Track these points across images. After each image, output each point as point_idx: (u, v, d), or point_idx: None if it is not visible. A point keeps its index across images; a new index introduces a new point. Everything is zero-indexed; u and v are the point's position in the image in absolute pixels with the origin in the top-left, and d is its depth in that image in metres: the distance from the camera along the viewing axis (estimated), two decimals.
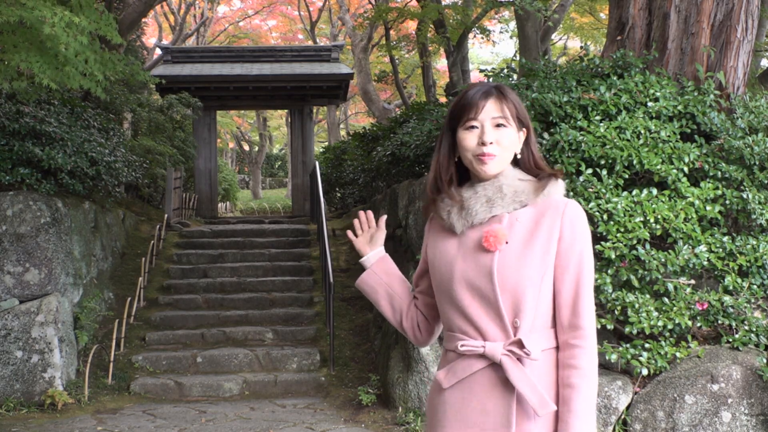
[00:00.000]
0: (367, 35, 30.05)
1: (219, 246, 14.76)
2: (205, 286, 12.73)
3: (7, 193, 9.30)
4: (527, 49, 15.98)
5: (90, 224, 11.19)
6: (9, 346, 8.92)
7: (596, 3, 22.84)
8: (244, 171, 53.47)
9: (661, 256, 6.85)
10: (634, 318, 6.67)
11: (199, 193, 21.42)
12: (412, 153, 10.20)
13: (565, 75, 8.90)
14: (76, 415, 8.48)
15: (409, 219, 9.22)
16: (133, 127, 18.19)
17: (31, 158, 9.50)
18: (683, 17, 8.99)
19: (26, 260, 9.19)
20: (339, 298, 11.76)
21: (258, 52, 23.28)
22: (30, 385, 8.88)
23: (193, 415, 8.44)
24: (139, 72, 11.42)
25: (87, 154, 10.48)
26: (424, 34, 21.04)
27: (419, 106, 15.40)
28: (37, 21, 6.99)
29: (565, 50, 34.21)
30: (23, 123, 9.78)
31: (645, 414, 6.54)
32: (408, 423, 7.52)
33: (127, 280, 12.25)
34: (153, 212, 17.09)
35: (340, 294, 11.93)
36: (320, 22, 37.97)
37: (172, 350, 10.51)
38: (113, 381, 9.56)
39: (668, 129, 7.81)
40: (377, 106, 29.58)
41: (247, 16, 41.59)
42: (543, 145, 7.64)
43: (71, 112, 11.92)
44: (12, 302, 9.13)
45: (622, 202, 7.11)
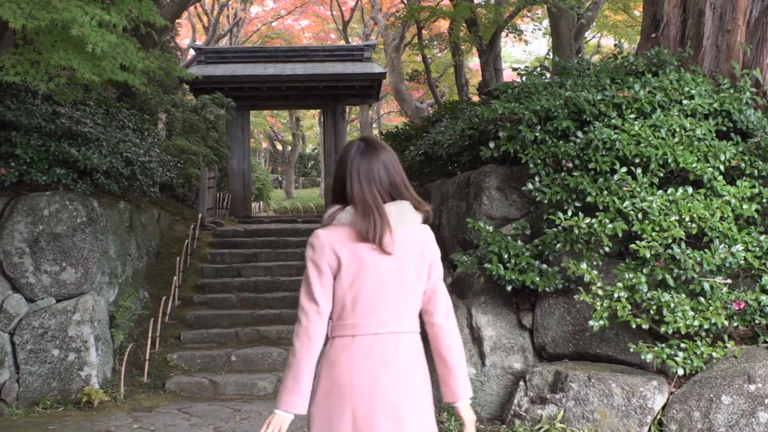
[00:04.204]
0: (399, 34, 30.03)
1: (253, 245, 14.82)
2: (239, 285, 12.78)
3: (43, 193, 9.37)
4: (560, 48, 15.89)
5: (125, 224, 11.26)
6: (46, 344, 8.99)
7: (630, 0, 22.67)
8: (277, 171, 53.65)
9: (696, 255, 6.78)
10: (670, 318, 6.60)
11: (232, 193, 21.52)
12: (444, 152, 10.16)
13: (599, 73, 8.84)
14: (112, 413, 8.54)
15: (441, 218, 9.19)
16: (167, 128, 18.29)
17: (68, 158, 9.57)
18: (718, 14, 8.90)
19: (63, 259, 9.26)
20: None
21: (291, 52, 23.35)
22: (67, 383, 8.95)
23: (227, 413, 8.47)
24: (175, 68, 11.51)
25: (122, 155, 10.55)
26: (457, 32, 20.98)
27: (452, 105, 15.34)
28: (69, 22, 7.05)
29: (599, 48, 33.97)
30: (59, 124, 9.86)
31: (681, 414, 6.47)
32: (442, 423, 7.48)
33: (162, 279, 12.31)
34: (187, 212, 17.18)
35: None
36: (352, 22, 37.99)
37: (206, 349, 10.55)
38: (149, 379, 9.61)
39: (704, 127, 7.73)
40: (410, 106, 29.55)
41: (279, 17, 41.71)
42: (576, 143, 7.59)
43: (106, 113, 12.00)
44: (49, 301, 9.21)
45: (657, 201, 7.05)
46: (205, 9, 33.19)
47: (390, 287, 3.23)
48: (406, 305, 3.27)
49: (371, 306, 3.22)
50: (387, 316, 3.24)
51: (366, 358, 3.20)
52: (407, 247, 3.26)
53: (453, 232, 8.88)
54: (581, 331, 7.33)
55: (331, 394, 3.21)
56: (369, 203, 3.21)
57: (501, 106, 8.20)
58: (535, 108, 7.98)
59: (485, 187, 8.37)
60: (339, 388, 3.19)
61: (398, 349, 3.25)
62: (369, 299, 3.21)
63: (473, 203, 8.45)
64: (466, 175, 8.88)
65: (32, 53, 8.09)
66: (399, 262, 3.24)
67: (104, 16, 7.21)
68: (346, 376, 3.18)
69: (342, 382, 3.18)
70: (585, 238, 7.14)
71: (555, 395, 6.87)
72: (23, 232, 9.16)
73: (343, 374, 3.19)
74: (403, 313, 3.27)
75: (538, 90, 8.68)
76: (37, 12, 7.00)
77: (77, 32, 6.99)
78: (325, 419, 3.21)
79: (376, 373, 3.19)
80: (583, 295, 6.93)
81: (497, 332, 7.73)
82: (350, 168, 3.27)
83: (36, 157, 9.35)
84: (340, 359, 3.21)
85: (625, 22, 27.25)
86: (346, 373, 3.19)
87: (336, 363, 3.22)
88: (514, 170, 8.30)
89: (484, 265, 7.67)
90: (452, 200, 8.99)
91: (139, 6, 8.33)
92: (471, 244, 8.43)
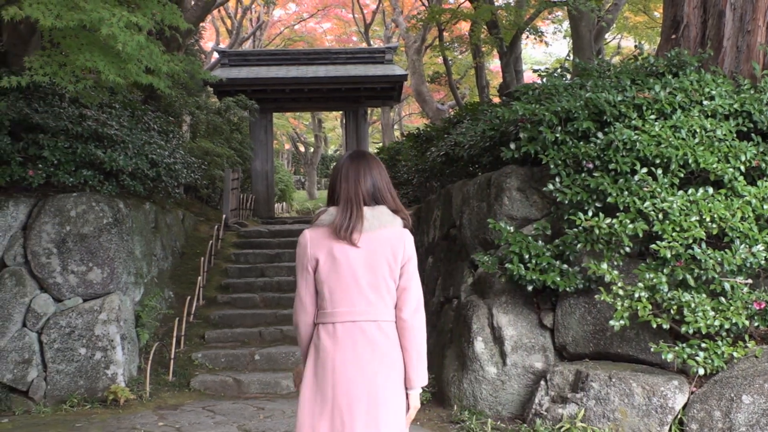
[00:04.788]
0: (420, 37, 30.03)
1: (276, 246, 14.86)
2: (262, 285, 12.82)
3: (70, 195, 9.43)
4: (581, 49, 15.84)
5: (150, 224, 11.32)
6: (73, 343, 9.05)
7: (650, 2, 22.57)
8: (299, 172, 53.71)
9: (717, 256, 6.75)
10: (691, 317, 6.58)
11: (256, 194, 21.57)
12: (465, 153, 10.15)
13: (619, 74, 8.81)
14: (137, 411, 8.58)
15: (463, 218, 9.19)
16: (191, 130, 18.37)
17: (94, 160, 9.62)
18: (739, 15, 8.86)
19: (89, 260, 9.31)
20: None
21: (313, 55, 23.39)
22: (93, 382, 9.00)
23: (251, 411, 8.50)
24: (199, 71, 11.54)
25: (147, 156, 10.60)
26: (477, 35, 20.95)
27: (473, 107, 15.34)
28: (97, 22, 7.10)
29: (619, 49, 33.81)
30: (86, 126, 9.91)
31: (701, 414, 6.44)
32: (463, 421, 7.49)
33: (187, 279, 12.37)
34: (211, 213, 17.25)
35: None
36: (374, 25, 38.01)
37: (230, 348, 10.59)
38: (174, 378, 9.66)
39: (724, 127, 7.69)
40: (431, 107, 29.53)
41: (302, 20, 41.78)
42: (597, 144, 7.57)
43: (132, 115, 12.06)
44: (76, 301, 9.27)
45: (677, 201, 7.02)
46: (229, 12, 33.30)
47: (362, 281, 3.63)
48: (380, 297, 3.65)
49: (346, 297, 3.64)
50: (361, 306, 3.64)
51: (344, 343, 3.62)
52: (380, 246, 3.64)
53: (474, 233, 8.88)
54: (602, 330, 7.32)
55: (316, 374, 3.65)
56: (351, 200, 3.67)
57: (522, 108, 8.20)
58: (555, 109, 7.97)
59: (506, 188, 8.36)
60: (322, 369, 3.62)
61: (374, 335, 3.64)
62: (344, 291, 3.64)
63: (494, 204, 8.45)
64: (487, 176, 8.87)
65: (59, 55, 8.14)
66: (370, 258, 3.64)
67: (131, 17, 7.26)
68: (328, 359, 3.62)
69: (324, 364, 3.62)
70: (606, 238, 7.13)
71: (576, 394, 6.86)
72: (51, 232, 9.23)
73: (325, 357, 3.63)
74: (376, 304, 3.65)
75: (558, 91, 8.67)
76: (65, 13, 7.06)
77: (107, 32, 7.04)
78: (311, 395, 3.64)
79: (353, 356, 3.60)
80: (603, 295, 6.92)
81: (518, 332, 7.72)
82: (341, 171, 3.75)
83: (63, 159, 9.41)
84: (323, 344, 3.65)
85: (646, 23, 27.12)
86: (328, 356, 3.62)
87: (319, 347, 3.67)
88: (534, 171, 8.29)
89: (505, 265, 7.67)
90: (473, 201, 8.99)
91: (163, 10, 8.38)
92: (492, 245, 8.43)
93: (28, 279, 9.17)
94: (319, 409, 3.61)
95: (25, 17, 7.08)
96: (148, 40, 7.78)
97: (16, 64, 9.91)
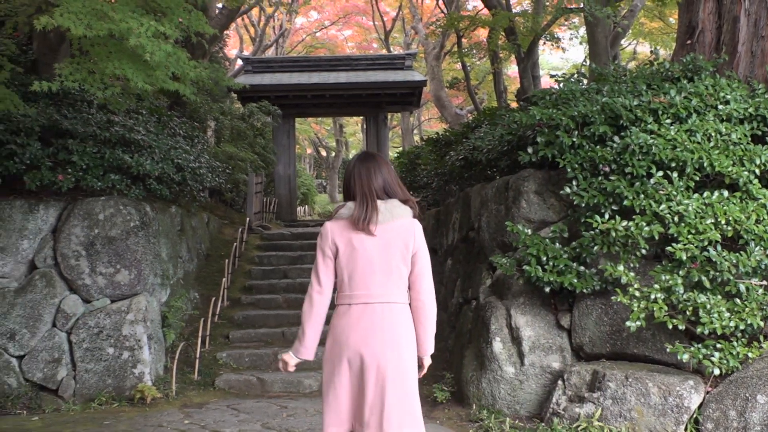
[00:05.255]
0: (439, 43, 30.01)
1: (298, 248, 14.88)
2: (285, 287, 12.83)
3: (99, 198, 9.47)
4: (597, 55, 15.77)
5: (176, 227, 11.35)
6: (101, 343, 9.09)
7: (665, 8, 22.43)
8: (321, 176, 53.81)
9: (732, 258, 6.71)
10: (706, 318, 6.54)
11: (278, 197, 21.64)
12: (484, 157, 10.13)
13: (635, 79, 8.77)
14: (164, 409, 8.61)
15: (481, 221, 9.16)
16: (216, 135, 18.42)
17: (121, 165, 9.66)
18: (753, 20, 8.80)
19: (117, 262, 9.35)
20: None
21: (334, 62, 23.43)
22: (121, 380, 9.03)
23: (274, 409, 8.50)
24: (224, 78, 11.59)
25: (173, 161, 10.63)
26: (495, 41, 20.91)
27: (491, 112, 15.30)
28: (125, 32, 7.13)
29: (635, 55, 33.67)
30: (114, 132, 9.96)
31: (717, 413, 6.40)
32: (481, 420, 7.46)
33: (212, 280, 12.40)
34: (235, 216, 17.28)
35: None
36: (394, 32, 38.04)
37: (254, 348, 10.60)
38: (199, 377, 9.68)
39: (739, 131, 7.64)
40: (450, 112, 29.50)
41: (323, 27, 41.87)
42: (613, 148, 7.53)
43: (158, 121, 12.11)
44: (104, 301, 9.30)
45: (693, 204, 6.98)
46: (252, 20, 33.41)
47: (377, 267, 4.13)
48: (392, 281, 4.15)
49: (362, 281, 4.13)
50: (375, 289, 4.13)
51: (359, 322, 4.12)
52: (393, 235, 4.14)
53: (492, 235, 8.85)
54: (618, 331, 7.28)
55: (333, 348, 4.18)
56: (366, 195, 4.15)
57: (539, 112, 8.17)
58: (572, 114, 7.94)
59: (524, 191, 8.33)
60: (339, 344, 4.14)
61: (384, 315, 4.12)
62: (360, 275, 4.13)
63: (512, 207, 8.42)
64: (505, 180, 8.85)
65: (88, 63, 8.18)
66: (385, 247, 4.13)
67: (158, 27, 7.29)
68: (344, 335, 4.13)
69: (341, 340, 4.14)
70: (622, 240, 7.09)
71: (593, 394, 6.82)
72: (80, 235, 9.27)
73: (341, 333, 4.15)
74: (389, 287, 4.15)
75: (575, 96, 8.63)
76: (94, 22, 7.08)
77: (135, 42, 7.07)
78: (330, 366, 4.18)
79: (365, 333, 4.10)
80: (620, 296, 6.88)
81: (536, 332, 7.69)
82: (354, 171, 4.24)
83: (91, 164, 9.45)
84: (340, 322, 4.17)
85: (661, 29, 26.98)
86: (344, 332, 4.14)
87: (337, 325, 4.18)
88: (551, 174, 8.26)
89: (522, 267, 7.65)
90: (492, 204, 8.96)
91: (189, 17, 8.41)
92: (510, 247, 8.40)
93: (57, 280, 9.22)
94: (338, 379, 4.13)
95: (54, 27, 7.12)
96: (174, 48, 7.80)
97: (45, 71, 9.98)
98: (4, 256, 9.19)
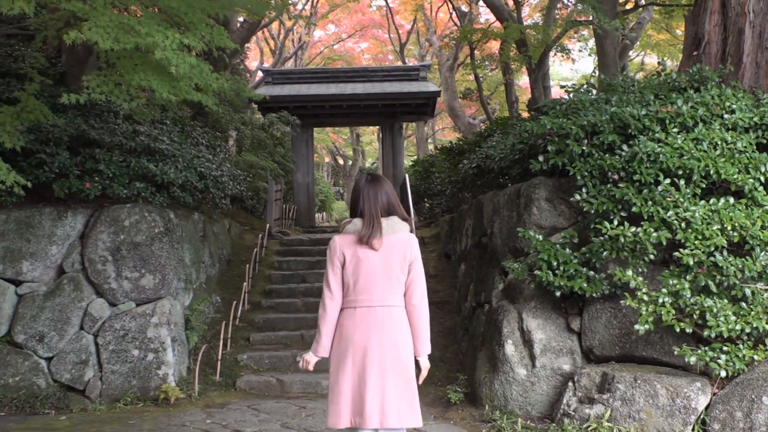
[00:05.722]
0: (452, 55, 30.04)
1: (316, 253, 14.90)
2: (304, 291, 12.86)
3: (124, 206, 9.55)
4: (606, 66, 15.76)
5: (199, 233, 11.42)
6: (127, 345, 9.16)
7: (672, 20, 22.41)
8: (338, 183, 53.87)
9: (738, 263, 6.71)
10: (713, 322, 6.54)
11: (297, 204, 21.69)
12: (496, 165, 10.16)
13: (643, 89, 8.77)
14: (187, 409, 8.66)
15: (494, 227, 9.18)
16: (237, 144, 18.50)
17: (146, 173, 9.73)
18: (758, 32, 8.80)
19: (142, 266, 9.41)
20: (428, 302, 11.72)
21: (351, 73, 23.49)
22: (145, 381, 9.10)
23: (293, 410, 8.53)
24: (245, 89, 11.66)
25: (196, 169, 10.70)
26: (507, 53, 20.94)
27: (503, 121, 15.31)
28: (151, 46, 7.21)
29: (643, 66, 33.59)
30: (139, 141, 10.04)
31: (723, 414, 6.40)
32: (494, 421, 7.48)
33: (233, 284, 12.45)
34: (256, 222, 17.34)
35: (429, 298, 11.81)
36: (409, 44, 38.08)
37: (274, 350, 10.64)
38: (221, 378, 9.72)
39: (744, 140, 7.64)
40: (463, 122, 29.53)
41: (341, 40, 41.96)
42: (622, 156, 7.54)
43: (182, 131, 12.18)
44: (129, 305, 9.37)
45: (699, 211, 6.98)
46: (272, 33, 33.52)
47: (379, 275, 4.60)
48: (391, 288, 4.63)
49: (365, 287, 4.61)
50: (377, 294, 4.61)
51: (362, 322, 4.59)
52: (393, 248, 4.62)
53: (504, 241, 8.87)
54: (627, 334, 7.29)
55: (340, 345, 4.65)
56: (372, 216, 4.61)
57: (549, 122, 8.19)
58: (582, 123, 7.95)
59: (535, 198, 8.35)
60: (345, 341, 4.62)
61: (384, 317, 4.60)
62: (364, 283, 4.60)
63: (524, 213, 8.44)
64: (516, 187, 8.87)
65: (115, 75, 8.26)
66: (386, 258, 4.61)
67: (183, 39, 7.36)
68: (350, 333, 4.60)
69: (347, 338, 4.61)
70: (630, 246, 7.10)
71: (602, 395, 6.83)
72: (106, 241, 9.35)
73: (347, 332, 4.62)
74: (388, 293, 4.63)
75: (584, 106, 8.65)
76: (122, 36, 7.16)
77: (160, 55, 7.15)
78: (337, 360, 4.67)
79: (368, 332, 4.57)
80: (629, 300, 6.89)
81: (547, 335, 7.70)
82: (362, 192, 4.68)
83: (117, 172, 9.52)
84: (346, 323, 4.64)
85: (668, 41, 26.92)
86: (350, 331, 4.61)
87: (344, 325, 4.65)
88: (562, 182, 8.28)
89: (534, 272, 7.66)
90: (504, 211, 8.98)
91: (211, 31, 8.47)
92: (522, 252, 8.42)
93: (85, 285, 9.30)
94: (343, 371, 4.61)
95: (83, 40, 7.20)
96: (198, 60, 7.87)
97: (73, 83, 10.06)
98: (33, 261, 9.29)
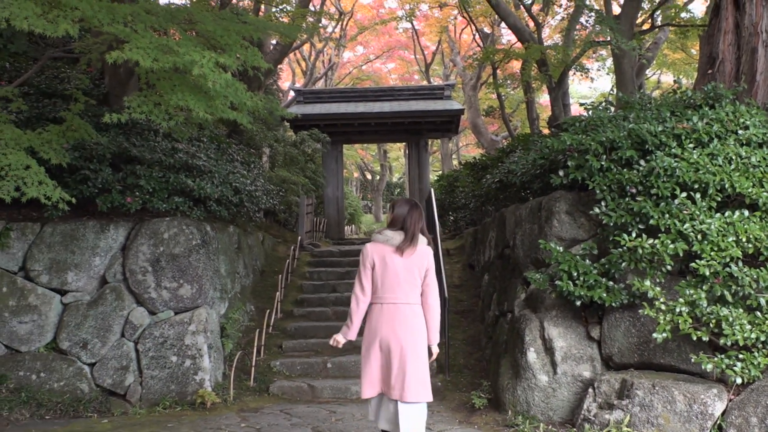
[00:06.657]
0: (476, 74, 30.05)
1: (346, 264, 14.90)
2: (334, 300, 12.85)
3: (164, 219, 9.59)
4: (623, 84, 15.67)
5: (234, 245, 11.44)
6: (165, 351, 9.18)
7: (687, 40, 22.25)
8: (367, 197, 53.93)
9: (753, 273, 6.63)
10: (729, 330, 6.47)
11: (327, 218, 21.71)
12: (518, 180, 10.11)
13: (659, 107, 8.71)
14: (222, 413, 8.65)
15: (516, 239, 9.14)
16: (270, 160, 18.57)
17: (184, 188, 9.78)
18: None
19: (180, 277, 9.44)
20: (453, 311, 11.70)
21: (379, 92, 23.52)
22: (183, 386, 9.11)
23: (324, 414, 8.51)
24: (277, 108, 11.69)
25: (231, 185, 10.74)
26: (528, 72, 20.90)
27: (524, 138, 15.26)
28: (188, 64, 7.25)
29: (659, 84, 33.39)
30: (177, 158, 10.09)
31: (739, 420, 6.31)
32: (517, 425, 7.42)
33: (266, 294, 12.46)
34: (288, 235, 17.38)
35: (454, 307, 11.87)
36: (434, 64, 38.12)
37: (305, 357, 10.62)
38: (254, 383, 9.71)
39: (758, 155, 7.56)
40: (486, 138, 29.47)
41: (369, 61, 42.09)
42: (639, 171, 7.48)
43: (218, 148, 12.24)
44: (168, 314, 9.40)
45: (715, 223, 6.92)
46: (304, 55, 33.66)
47: (402, 278, 5.51)
48: (412, 289, 5.54)
49: (391, 287, 5.51)
50: (400, 293, 5.51)
51: (387, 316, 5.51)
52: (415, 258, 5.55)
53: (526, 252, 8.81)
54: (645, 342, 7.21)
55: (369, 332, 5.60)
56: (414, 233, 5.56)
57: (569, 138, 8.15)
58: (600, 139, 7.91)
59: (555, 212, 8.30)
60: (373, 330, 5.56)
61: (406, 312, 5.52)
62: (390, 283, 5.51)
63: (545, 226, 8.39)
64: (538, 201, 8.82)
65: (155, 95, 8.31)
66: (408, 265, 5.52)
67: (219, 58, 7.40)
68: (377, 325, 5.54)
69: (375, 327, 5.55)
70: (648, 257, 7.04)
71: (622, 401, 6.76)
72: (146, 253, 9.39)
73: (376, 323, 5.55)
74: (409, 293, 5.53)
75: (603, 123, 8.60)
76: (161, 56, 7.21)
77: (198, 72, 7.19)
78: (367, 344, 5.60)
79: (392, 324, 5.49)
80: (647, 309, 6.83)
81: (567, 343, 7.64)
82: (408, 214, 5.61)
83: (157, 187, 9.58)
84: (375, 316, 5.56)
85: (683, 60, 26.75)
86: (377, 323, 5.54)
87: (372, 318, 5.58)
88: (582, 196, 8.22)
89: (555, 282, 7.61)
90: (525, 223, 8.93)
91: (246, 52, 8.52)
92: (543, 263, 8.36)
93: (126, 294, 9.34)
94: (374, 355, 5.52)
95: (124, 62, 7.25)
96: (233, 79, 7.91)
97: (115, 104, 10.15)
98: (78, 271, 9.34)
